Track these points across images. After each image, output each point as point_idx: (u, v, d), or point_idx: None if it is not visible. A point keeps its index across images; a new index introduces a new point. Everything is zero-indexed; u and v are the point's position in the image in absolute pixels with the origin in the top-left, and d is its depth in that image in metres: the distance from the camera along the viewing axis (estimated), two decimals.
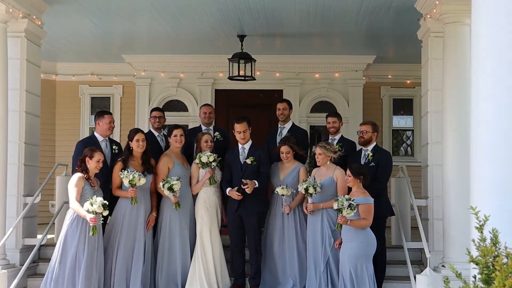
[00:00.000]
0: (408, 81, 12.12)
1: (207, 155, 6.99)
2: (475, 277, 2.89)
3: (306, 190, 6.67)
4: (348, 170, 6.51)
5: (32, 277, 7.60)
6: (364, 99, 11.92)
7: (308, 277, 6.88)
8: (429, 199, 7.72)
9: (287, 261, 7.07)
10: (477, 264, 2.86)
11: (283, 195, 6.91)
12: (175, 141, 7.24)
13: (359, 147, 7.44)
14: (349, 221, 6.23)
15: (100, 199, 6.20)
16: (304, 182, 6.74)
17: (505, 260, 2.74)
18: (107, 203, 6.26)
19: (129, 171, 6.66)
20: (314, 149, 7.11)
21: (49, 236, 8.20)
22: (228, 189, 7.05)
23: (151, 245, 7.02)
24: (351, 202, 6.15)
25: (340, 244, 6.50)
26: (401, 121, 12.66)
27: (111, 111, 11.18)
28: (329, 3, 8.21)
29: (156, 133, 8.11)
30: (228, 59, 10.05)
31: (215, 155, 7.03)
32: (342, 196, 6.30)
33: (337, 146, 7.38)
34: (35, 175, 8.13)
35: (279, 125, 8.11)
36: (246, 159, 7.09)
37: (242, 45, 9.89)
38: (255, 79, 10.27)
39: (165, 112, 8.60)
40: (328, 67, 11.77)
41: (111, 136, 7.66)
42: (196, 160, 7.08)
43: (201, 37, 10.10)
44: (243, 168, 7.08)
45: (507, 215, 3.80)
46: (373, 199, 6.39)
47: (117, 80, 12.45)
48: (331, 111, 9.56)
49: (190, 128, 8.98)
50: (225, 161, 7.27)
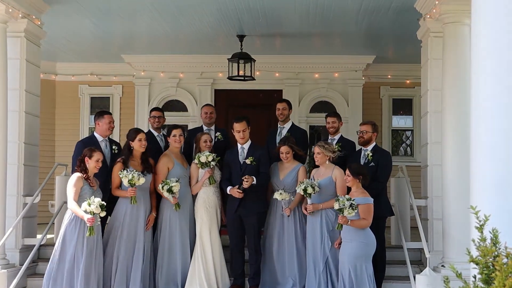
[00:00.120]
0: (408, 81, 12.12)
1: (206, 155, 6.99)
2: (475, 277, 2.89)
3: (305, 191, 6.66)
4: (348, 170, 6.50)
5: (32, 277, 7.60)
6: (364, 99, 11.92)
7: (308, 277, 6.87)
8: (429, 199, 7.72)
9: (287, 261, 7.06)
10: (477, 264, 2.86)
11: (282, 200, 6.90)
12: (174, 141, 7.24)
13: (359, 147, 7.44)
14: (349, 221, 6.23)
15: (98, 200, 6.18)
16: (302, 183, 6.73)
17: (505, 260, 2.75)
18: (105, 204, 6.24)
19: (129, 171, 6.66)
20: (313, 149, 7.11)
21: (49, 236, 8.20)
22: (229, 188, 7.04)
23: (151, 245, 7.02)
24: (352, 202, 6.15)
25: (340, 244, 6.51)
26: (401, 121, 12.65)
27: (111, 111, 11.17)
28: (329, 3, 8.21)
29: (156, 133, 8.11)
30: (228, 59, 10.04)
31: (214, 155, 7.03)
32: (343, 196, 6.29)
33: (337, 146, 7.37)
34: (35, 175, 8.13)
35: (279, 125, 8.11)
36: (246, 159, 7.09)
37: (242, 45, 9.89)
38: (255, 79, 10.27)
39: (165, 112, 8.61)
40: (328, 67, 11.77)
41: (111, 136, 7.66)
42: (195, 160, 7.09)
43: (201, 37, 10.10)
44: (243, 168, 7.07)
45: (507, 215, 3.81)
46: (373, 199, 6.39)
47: (117, 80, 12.45)
48: (331, 111, 9.54)
49: (192, 129, 8.98)
50: (224, 161, 7.26)
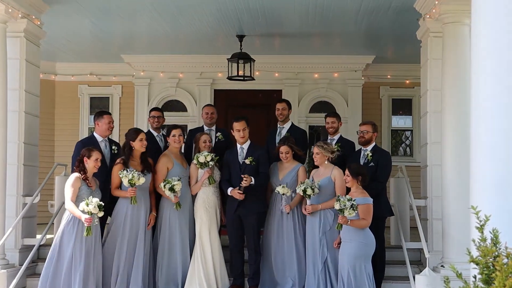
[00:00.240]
0: (407, 81, 12.12)
1: (204, 155, 6.99)
2: (475, 277, 2.89)
3: (304, 192, 6.66)
4: (347, 170, 6.49)
5: (32, 277, 7.59)
6: (363, 99, 11.92)
7: (307, 277, 6.87)
8: (428, 199, 7.72)
9: (286, 261, 7.06)
10: (477, 264, 2.86)
11: (284, 194, 6.90)
12: (174, 141, 7.24)
13: (358, 147, 7.44)
14: (349, 221, 6.23)
15: (96, 200, 6.16)
16: (302, 184, 6.74)
17: (506, 260, 2.75)
18: (103, 204, 6.23)
19: (129, 171, 6.65)
20: (312, 149, 7.11)
21: (48, 236, 8.19)
22: (230, 189, 7.03)
23: (150, 245, 7.02)
24: (353, 203, 6.14)
25: (339, 244, 6.51)
26: (400, 121, 12.65)
27: (110, 111, 11.16)
28: (328, 3, 8.21)
29: (155, 133, 8.11)
30: (227, 59, 10.04)
31: (213, 155, 7.02)
32: (344, 197, 6.27)
33: (336, 146, 7.37)
34: (34, 175, 8.13)
35: (278, 125, 8.10)
36: (245, 159, 7.08)
37: (241, 45, 9.89)
38: (254, 79, 10.27)
39: (164, 112, 8.61)
40: (327, 67, 11.77)
41: (110, 137, 7.65)
42: (194, 161, 7.08)
43: (200, 37, 10.10)
44: (242, 168, 7.06)
45: (507, 215, 3.81)
46: (372, 199, 6.38)
47: (116, 80, 12.44)
48: (330, 111, 9.53)
49: (192, 129, 8.96)
50: (224, 161, 7.25)
